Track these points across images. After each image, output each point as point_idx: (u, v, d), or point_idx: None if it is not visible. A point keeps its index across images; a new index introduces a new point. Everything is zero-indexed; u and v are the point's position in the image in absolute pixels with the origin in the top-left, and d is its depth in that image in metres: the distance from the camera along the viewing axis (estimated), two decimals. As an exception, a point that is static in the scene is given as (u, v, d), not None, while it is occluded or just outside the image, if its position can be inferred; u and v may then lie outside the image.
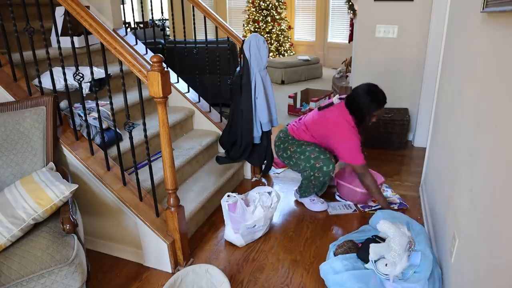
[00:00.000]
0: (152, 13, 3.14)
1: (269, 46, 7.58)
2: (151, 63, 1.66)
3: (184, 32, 3.00)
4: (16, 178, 1.72)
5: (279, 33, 7.62)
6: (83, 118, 2.00)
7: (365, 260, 1.82)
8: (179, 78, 3.07)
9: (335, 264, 1.81)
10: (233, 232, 2.17)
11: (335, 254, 1.94)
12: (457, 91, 1.86)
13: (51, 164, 1.78)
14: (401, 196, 2.69)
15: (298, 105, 4.89)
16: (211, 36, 6.19)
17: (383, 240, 1.88)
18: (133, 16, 3.20)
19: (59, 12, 2.48)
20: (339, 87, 4.55)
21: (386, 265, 1.70)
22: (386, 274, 1.70)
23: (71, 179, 1.76)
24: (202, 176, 2.63)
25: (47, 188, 1.54)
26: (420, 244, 1.82)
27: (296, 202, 2.69)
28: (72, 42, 1.88)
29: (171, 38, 5.51)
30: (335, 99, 2.42)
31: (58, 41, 1.97)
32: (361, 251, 1.86)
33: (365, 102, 2.27)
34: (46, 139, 1.81)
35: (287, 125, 2.58)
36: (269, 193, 2.32)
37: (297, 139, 2.47)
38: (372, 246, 1.77)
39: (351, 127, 2.30)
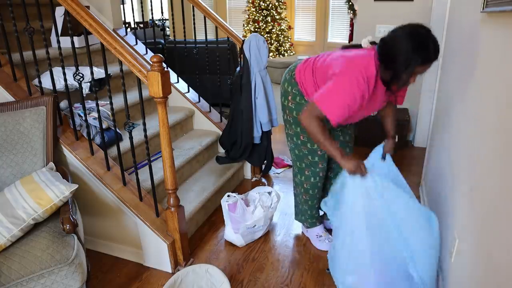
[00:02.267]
0: (152, 13, 3.14)
1: (269, 46, 7.58)
2: (151, 63, 1.66)
3: (184, 32, 3.00)
4: (16, 178, 1.72)
5: (279, 33, 7.60)
6: (83, 118, 2.00)
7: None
8: (179, 78, 3.07)
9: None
10: (233, 232, 2.17)
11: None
12: (457, 91, 1.86)
13: (51, 164, 1.78)
14: (401, 196, 2.68)
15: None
16: (211, 36, 6.18)
17: None
18: (133, 16, 3.20)
19: (59, 12, 2.48)
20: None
21: None
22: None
23: (71, 179, 1.76)
24: (202, 176, 2.63)
25: (47, 188, 1.54)
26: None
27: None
28: (72, 42, 1.88)
29: (171, 38, 5.51)
30: (365, 41, 1.70)
31: (58, 41, 1.97)
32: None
33: (405, 49, 1.48)
34: (46, 139, 1.81)
35: (298, 64, 1.92)
36: (269, 193, 2.32)
37: (299, 89, 1.88)
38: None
39: (357, 83, 1.58)
